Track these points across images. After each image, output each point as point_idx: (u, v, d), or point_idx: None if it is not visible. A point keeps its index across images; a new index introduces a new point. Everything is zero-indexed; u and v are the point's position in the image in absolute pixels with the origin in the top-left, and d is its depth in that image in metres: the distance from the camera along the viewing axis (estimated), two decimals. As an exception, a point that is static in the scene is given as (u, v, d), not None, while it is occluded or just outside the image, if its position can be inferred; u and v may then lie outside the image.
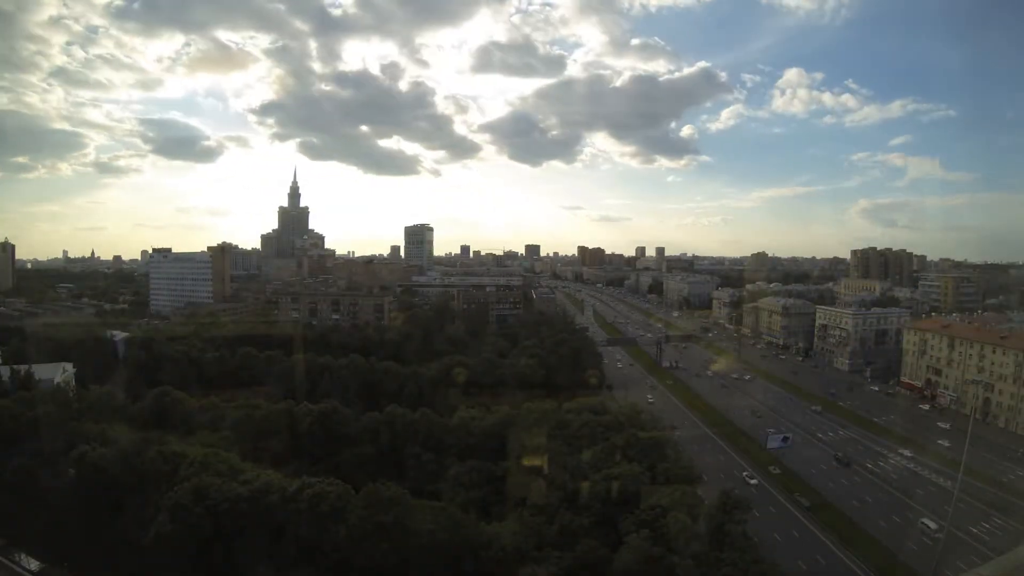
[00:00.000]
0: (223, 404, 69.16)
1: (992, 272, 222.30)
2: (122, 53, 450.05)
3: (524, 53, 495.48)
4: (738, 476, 68.06)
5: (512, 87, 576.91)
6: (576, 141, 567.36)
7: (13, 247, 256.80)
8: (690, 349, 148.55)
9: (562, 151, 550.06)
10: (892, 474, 70.18)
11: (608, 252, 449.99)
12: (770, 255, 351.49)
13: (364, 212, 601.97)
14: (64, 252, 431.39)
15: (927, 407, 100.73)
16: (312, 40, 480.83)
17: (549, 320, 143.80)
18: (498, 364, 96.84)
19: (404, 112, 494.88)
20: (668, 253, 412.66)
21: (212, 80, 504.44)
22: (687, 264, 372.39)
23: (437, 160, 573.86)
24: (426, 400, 76.39)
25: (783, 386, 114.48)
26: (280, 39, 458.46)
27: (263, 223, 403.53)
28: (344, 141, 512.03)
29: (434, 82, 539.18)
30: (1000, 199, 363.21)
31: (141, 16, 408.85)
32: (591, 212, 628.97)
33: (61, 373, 78.72)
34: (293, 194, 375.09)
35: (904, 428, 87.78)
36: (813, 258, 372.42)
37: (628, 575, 37.34)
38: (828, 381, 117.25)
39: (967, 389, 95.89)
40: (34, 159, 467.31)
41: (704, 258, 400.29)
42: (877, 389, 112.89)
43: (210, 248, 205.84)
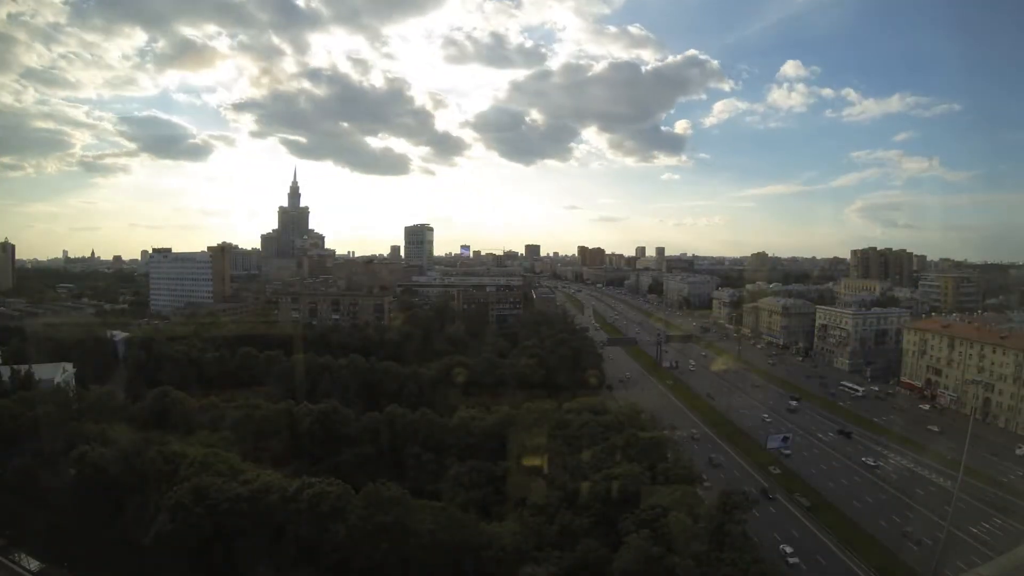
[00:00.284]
0: (223, 404, 69.34)
1: (992, 272, 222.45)
2: (86, 51, 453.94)
3: (498, 42, 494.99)
4: (738, 476, 67.94)
5: (490, 79, 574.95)
6: (567, 136, 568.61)
7: (13, 247, 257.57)
8: (690, 349, 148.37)
9: (554, 148, 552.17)
10: (892, 474, 70.14)
11: (608, 252, 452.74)
12: (770, 255, 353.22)
13: (360, 212, 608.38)
14: (64, 252, 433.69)
15: (927, 407, 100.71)
16: (276, 34, 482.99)
17: (549, 320, 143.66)
18: (498, 364, 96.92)
19: (382, 107, 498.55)
20: (668, 253, 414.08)
21: (183, 77, 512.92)
22: (687, 264, 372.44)
23: (423, 157, 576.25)
24: (426, 400, 76.61)
25: (783, 386, 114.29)
26: (242, 33, 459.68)
27: (259, 223, 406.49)
28: (328, 138, 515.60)
29: (408, 75, 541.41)
30: (1001, 198, 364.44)
31: (97, 12, 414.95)
32: (590, 212, 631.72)
33: (61, 373, 78.78)
34: (293, 194, 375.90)
35: (904, 428, 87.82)
36: (813, 258, 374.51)
37: (628, 575, 37.32)
38: (828, 381, 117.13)
39: (967, 389, 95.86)
40: (18, 158, 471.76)
41: (704, 258, 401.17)
42: (877, 389, 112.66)
43: (210, 248, 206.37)
